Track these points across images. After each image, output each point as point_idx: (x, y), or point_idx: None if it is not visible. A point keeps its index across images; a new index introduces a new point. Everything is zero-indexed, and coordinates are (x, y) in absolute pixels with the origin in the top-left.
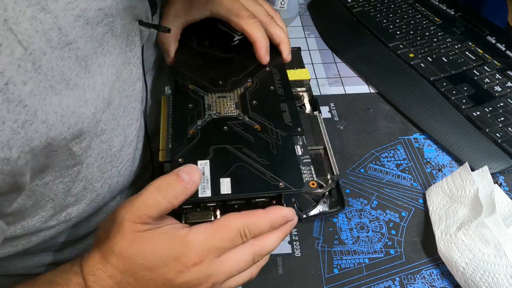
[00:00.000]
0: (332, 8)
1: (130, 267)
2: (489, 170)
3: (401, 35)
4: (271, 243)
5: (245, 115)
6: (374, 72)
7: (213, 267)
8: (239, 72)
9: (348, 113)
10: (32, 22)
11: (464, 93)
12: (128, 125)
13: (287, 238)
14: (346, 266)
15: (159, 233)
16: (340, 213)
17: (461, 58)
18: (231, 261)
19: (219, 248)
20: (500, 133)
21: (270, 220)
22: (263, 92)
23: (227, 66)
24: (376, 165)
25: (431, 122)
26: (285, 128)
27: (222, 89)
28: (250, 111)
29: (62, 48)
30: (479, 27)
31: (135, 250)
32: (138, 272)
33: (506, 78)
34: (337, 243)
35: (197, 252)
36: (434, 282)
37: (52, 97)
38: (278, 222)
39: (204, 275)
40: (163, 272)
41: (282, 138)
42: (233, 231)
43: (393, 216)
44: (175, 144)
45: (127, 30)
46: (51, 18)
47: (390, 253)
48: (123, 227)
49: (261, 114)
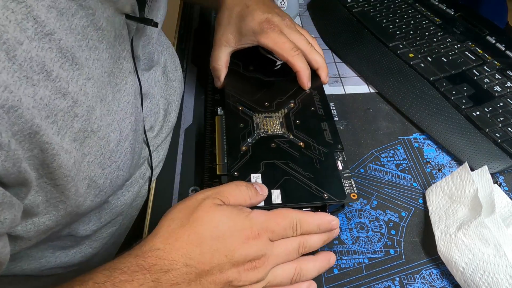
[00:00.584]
0: (332, 8)
1: (199, 236)
2: (488, 170)
3: (400, 35)
4: (316, 241)
5: (289, 133)
6: (374, 72)
7: (267, 247)
8: (282, 94)
9: (348, 113)
10: (4, 12)
11: (464, 93)
12: (123, 119)
13: None
14: (346, 266)
15: (230, 208)
16: (339, 213)
17: (461, 58)
18: (281, 246)
19: (274, 231)
20: (500, 133)
21: (319, 221)
22: (305, 112)
23: (271, 89)
24: (376, 165)
25: (431, 122)
26: (326, 145)
27: (268, 110)
28: (294, 130)
29: (41, 38)
30: (479, 27)
31: (209, 217)
32: (206, 241)
33: (506, 78)
34: (337, 243)
35: (257, 228)
36: (433, 282)
37: (27, 87)
38: (325, 226)
39: (260, 252)
40: (228, 242)
41: (324, 154)
42: (287, 220)
43: (393, 216)
44: (230, 159)
45: (112, 23)
46: (24, 7)
47: (390, 253)
48: (203, 203)
49: (304, 132)
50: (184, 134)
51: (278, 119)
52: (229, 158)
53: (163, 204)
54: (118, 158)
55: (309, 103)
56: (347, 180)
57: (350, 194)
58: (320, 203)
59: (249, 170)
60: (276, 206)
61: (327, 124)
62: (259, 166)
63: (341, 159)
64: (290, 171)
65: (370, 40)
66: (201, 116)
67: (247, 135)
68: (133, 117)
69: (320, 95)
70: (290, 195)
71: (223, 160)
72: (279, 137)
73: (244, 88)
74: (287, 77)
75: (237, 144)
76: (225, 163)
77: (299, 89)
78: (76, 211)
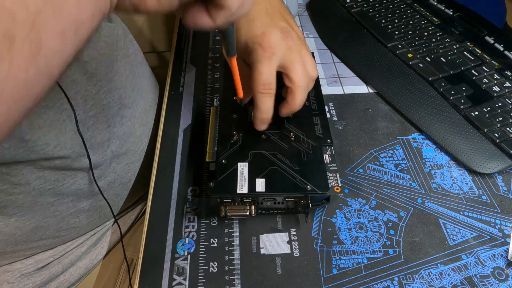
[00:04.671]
0: (331, 8)
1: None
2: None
3: (399, 35)
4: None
5: (281, 126)
6: (373, 72)
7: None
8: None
9: (346, 113)
10: None
11: (463, 93)
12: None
13: (286, 238)
14: (345, 266)
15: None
16: (339, 213)
17: (460, 58)
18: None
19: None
20: (499, 133)
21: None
22: None
23: None
24: (375, 165)
25: (429, 122)
26: (316, 139)
27: None
28: (286, 123)
29: None
30: (478, 27)
31: None
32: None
33: (504, 78)
34: (336, 243)
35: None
36: (432, 282)
37: None
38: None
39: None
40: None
41: (312, 148)
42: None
43: (391, 216)
44: (220, 147)
45: None
46: None
47: (388, 253)
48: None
49: (295, 125)
50: (183, 134)
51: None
52: (219, 147)
53: (162, 204)
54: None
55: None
56: (333, 173)
57: (334, 187)
58: (303, 193)
59: (237, 158)
60: (259, 194)
61: (319, 118)
62: (247, 155)
63: (329, 153)
64: (276, 162)
65: (369, 40)
66: (200, 116)
67: (239, 126)
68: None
69: (315, 91)
70: (274, 185)
71: (213, 148)
72: (270, 128)
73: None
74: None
75: (228, 134)
76: (214, 151)
77: None
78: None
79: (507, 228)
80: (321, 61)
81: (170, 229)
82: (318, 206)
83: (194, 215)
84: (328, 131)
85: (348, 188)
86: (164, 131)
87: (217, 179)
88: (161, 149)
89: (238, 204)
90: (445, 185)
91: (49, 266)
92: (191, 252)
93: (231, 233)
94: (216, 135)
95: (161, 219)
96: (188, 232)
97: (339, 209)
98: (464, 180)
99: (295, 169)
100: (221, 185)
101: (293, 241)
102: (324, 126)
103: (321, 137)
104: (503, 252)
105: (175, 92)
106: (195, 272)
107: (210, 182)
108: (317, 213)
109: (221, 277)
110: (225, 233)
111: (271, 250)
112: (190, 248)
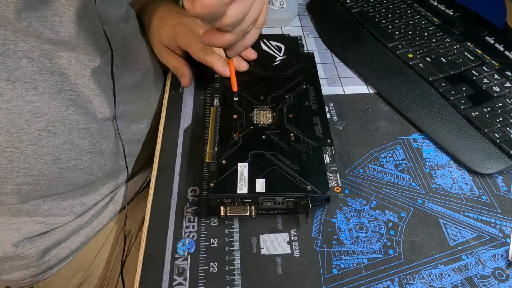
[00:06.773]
0: (331, 8)
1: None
2: (488, 170)
3: (400, 35)
4: None
5: (281, 126)
6: (373, 73)
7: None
8: (278, 88)
9: (347, 114)
10: None
11: (463, 93)
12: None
13: (286, 238)
14: (345, 266)
15: None
16: (339, 213)
17: (460, 58)
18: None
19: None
20: (499, 133)
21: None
22: (299, 106)
23: (269, 83)
24: (375, 165)
25: (430, 122)
26: (316, 139)
27: (263, 103)
28: (286, 123)
29: None
30: (478, 27)
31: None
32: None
33: (505, 78)
34: (336, 243)
35: None
36: (433, 282)
37: None
38: None
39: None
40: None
41: (312, 148)
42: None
43: (392, 216)
44: (220, 148)
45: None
46: None
47: (389, 254)
48: None
49: (295, 125)
50: (183, 134)
51: (271, 112)
52: (219, 147)
53: (162, 204)
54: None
55: (304, 98)
56: (333, 173)
57: (334, 187)
58: (303, 194)
59: (237, 159)
60: (259, 195)
61: (319, 119)
62: (247, 155)
63: (329, 153)
64: (277, 162)
65: (369, 40)
66: (200, 116)
67: (239, 126)
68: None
69: (315, 91)
70: (274, 185)
71: (213, 149)
72: (271, 129)
73: (242, 81)
74: (285, 72)
75: (229, 134)
76: (215, 151)
77: (296, 84)
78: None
79: (508, 229)
80: (321, 61)
81: (170, 229)
82: (318, 207)
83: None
84: (328, 131)
85: (348, 189)
86: (164, 131)
87: (217, 180)
88: (162, 149)
89: (238, 204)
90: (446, 185)
91: (52, 232)
92: (191, 252)
93: (231, 233)
94: (216, 136)
95: (161, 219)
96: (188, 232)
97: (339, 209)
98: (464, 180)
99: (295, 169)
100: (221, 185)
101: (293, 242)
102: (324, 126)
103: (321, 137)
104: (504, 253)
105: (175, 92)
106: (195, 272)
107: (210, 183)
108: (317, 214)
109: (221, 278)
110: (225, 233)
111: (271, 250)
112: (190, 248)
